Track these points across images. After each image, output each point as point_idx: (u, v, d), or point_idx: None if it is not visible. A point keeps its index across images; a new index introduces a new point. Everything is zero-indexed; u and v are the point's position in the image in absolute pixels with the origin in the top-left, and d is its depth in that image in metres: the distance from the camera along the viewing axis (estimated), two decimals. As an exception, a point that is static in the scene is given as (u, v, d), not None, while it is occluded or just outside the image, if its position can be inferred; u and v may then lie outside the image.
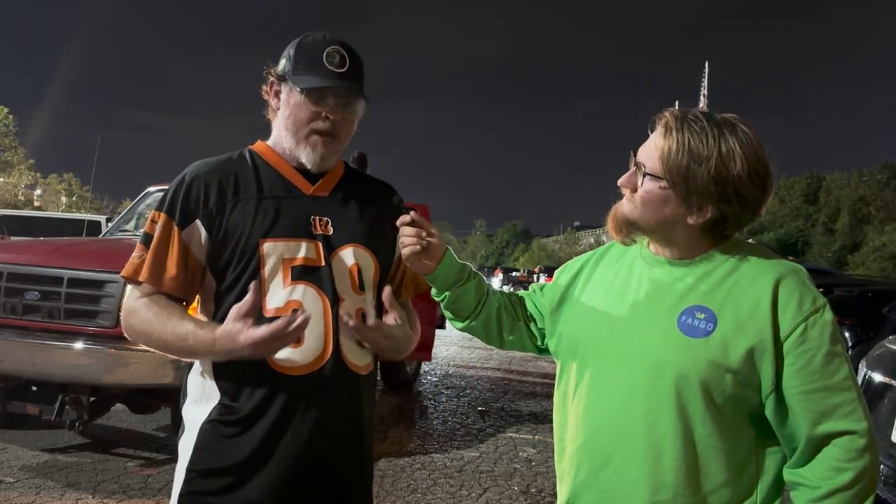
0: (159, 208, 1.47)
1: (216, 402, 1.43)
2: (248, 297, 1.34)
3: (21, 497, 3.62)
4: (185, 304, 1.49)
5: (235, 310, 1.34)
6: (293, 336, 1.34)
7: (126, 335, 1.49)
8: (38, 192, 49.40)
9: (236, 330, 1.33)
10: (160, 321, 1.41)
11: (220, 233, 1.44)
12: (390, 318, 1.49)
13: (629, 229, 1.32)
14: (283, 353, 1.40)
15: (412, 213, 1.44)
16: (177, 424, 4.62)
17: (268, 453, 1.40)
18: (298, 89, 1.48)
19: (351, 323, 1.42)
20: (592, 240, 66.70)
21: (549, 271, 34.60)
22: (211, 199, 1.45)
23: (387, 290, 1.48)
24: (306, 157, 1.50)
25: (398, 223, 1.42)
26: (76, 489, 3.76)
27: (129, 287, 1.49)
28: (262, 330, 1.31)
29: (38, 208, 39.55)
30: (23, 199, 43.62)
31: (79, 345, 3.86)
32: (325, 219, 1.50)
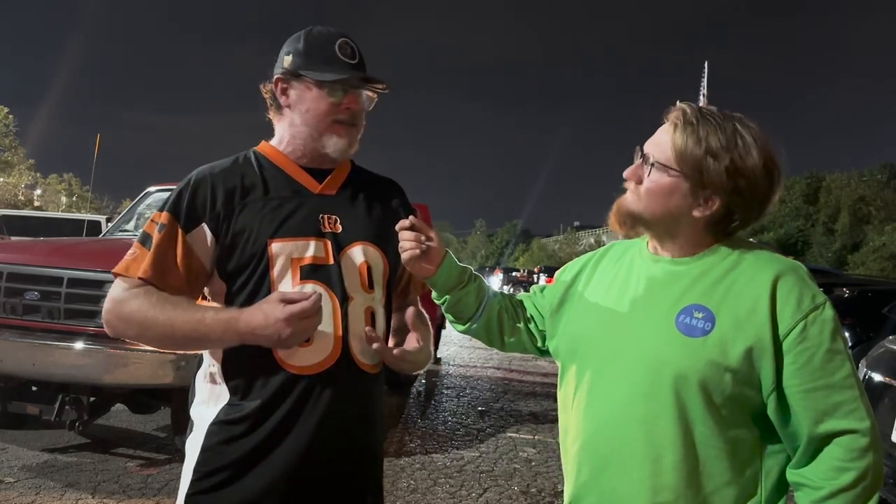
0: (162, 209, 1.45)
1: (225, 402, 1.43)
2: (300, 295, 1.34)
3: (21, 497, 3.61)
4: None
5: (279, 293, 1.35)
6: (312, 316, 1.33)
7: (107, 326, 1.42)
8: (38, 192, 49.48)
9: (274, 305, 1.32)
10: (166, 306, 1.37)
11: (227, 236, 1.43)
12: (413, 341, 1.48)
13: (633, 222, 1.31)
14: (293, 352, 1.40)
15: (411, 216, 1.44)
16: (177, 424, 4.62)
17: (276, 452, 1.39)
18: (316, 83, 1.47)
19: (375, 346, 1.42)
20: (592, 240, 66.75)
21: (549, 271, 34.57)
22: (218, 203, 1.44)
23: (410, 311, 1.47)
24: (332, 146, 1.49)
25: (397, 227, 1.42)
26: (76, 489, 3.76)
27: (116, 281, 1.43)
28: (295, 306, 1.31)
29: (38, 208, 39.58)
30: (23, 199, 43.65)
31: (79, 345, 3.85)
32: (334, 217, 1.50)
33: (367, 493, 1.53)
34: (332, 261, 1.45)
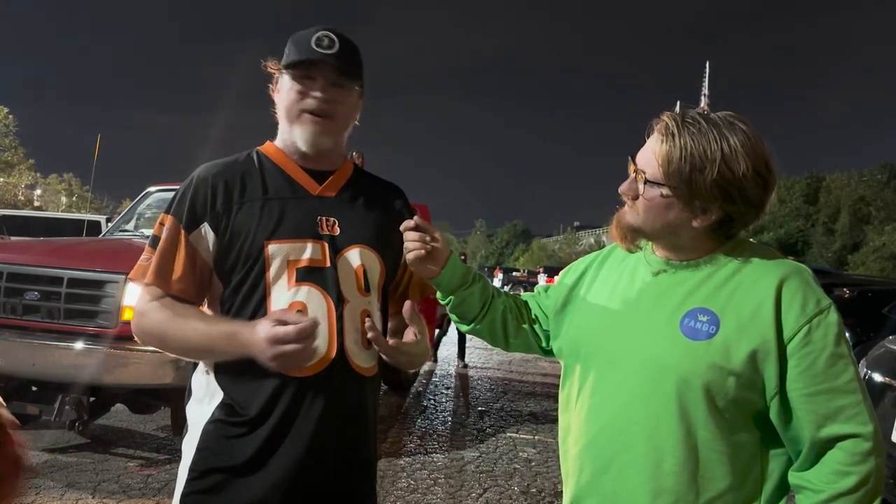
0: (167, 211, 1.47)
1: (220, 401, 1.42)
2: (294, 317, 1.31)
3: (21, 497, 3.61)
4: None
5: (277, 313, 1.34)
6: (303, 350, 1.30)
7: (136, 338, 1.49)
8: (38, 192, 49.51)
9: (265, 324, 1.30)
10: (178, 320, 1.40)
11: (226, 235, 1.44)
12: (410, 335, 1.47)
13: (634, 236, 1.31)
14: None
15: (416, 217, 1.43)
16: (177, 424, 4.62)
17: (271, 454, 1.39)
18: (286, 71, 1.48)
19: (371, 335, 1.41)
20: (592, 240, 66.86)
21: (550, 271, 34.56)
22: (218, 202, 1.44)
23: (408, 304, 1.46)
24: (299, 136, 1.48)
25: (401, 228, 1.41)
26: (76, 489, 3.76)
27: (139, 291, 1.48)
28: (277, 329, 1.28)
29: (38, 208, 39.58)
30: (23, 199, 43.66)
31: (79, 345, 3.85)
32: (332, 219, 1.49)
33: (363, 496, 1.53)
34: (328, 263, 1.45)
